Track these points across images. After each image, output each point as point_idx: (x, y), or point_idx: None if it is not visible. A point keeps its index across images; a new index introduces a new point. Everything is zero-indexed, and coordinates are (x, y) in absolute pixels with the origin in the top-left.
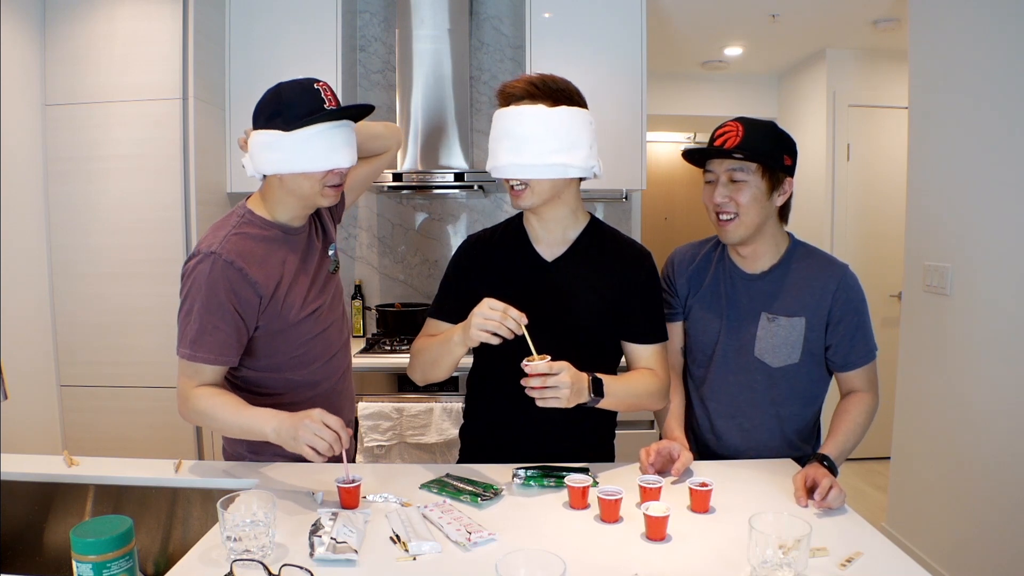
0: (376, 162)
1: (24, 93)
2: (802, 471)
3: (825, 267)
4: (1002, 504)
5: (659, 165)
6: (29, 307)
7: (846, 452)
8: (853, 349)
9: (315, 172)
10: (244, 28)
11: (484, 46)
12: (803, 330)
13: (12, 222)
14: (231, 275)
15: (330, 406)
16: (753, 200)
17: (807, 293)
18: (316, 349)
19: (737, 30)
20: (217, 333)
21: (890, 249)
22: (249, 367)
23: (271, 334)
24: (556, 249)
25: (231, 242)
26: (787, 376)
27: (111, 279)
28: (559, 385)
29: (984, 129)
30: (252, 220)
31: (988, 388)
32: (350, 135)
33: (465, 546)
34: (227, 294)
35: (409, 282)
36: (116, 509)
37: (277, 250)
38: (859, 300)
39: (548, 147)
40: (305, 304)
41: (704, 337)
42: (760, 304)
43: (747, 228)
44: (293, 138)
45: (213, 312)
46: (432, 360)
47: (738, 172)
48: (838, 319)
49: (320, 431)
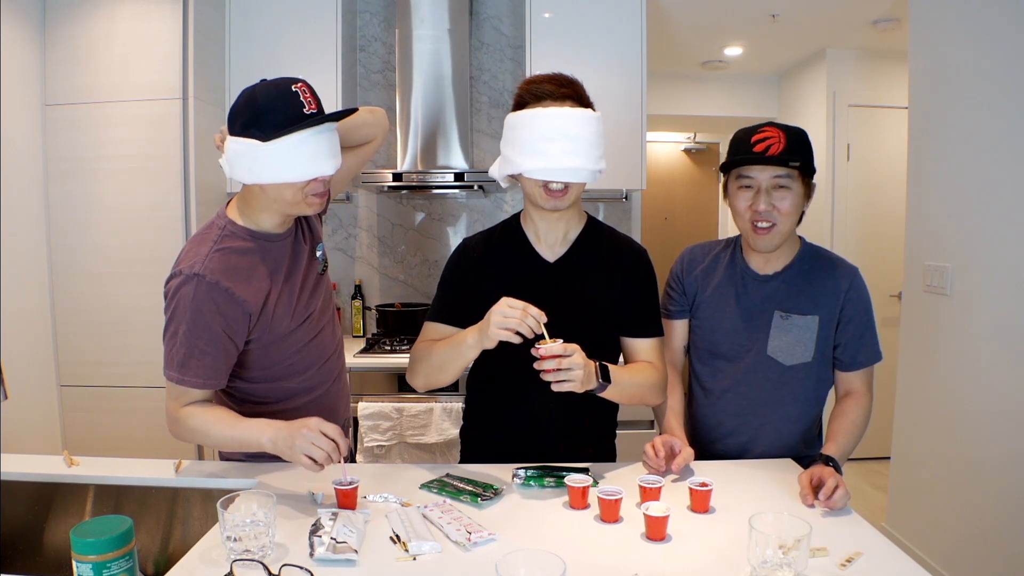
0: (362, 152)
1: (24, 93)
2: (807, 471)
3: (837, 267)
4: (1002, 504)
5: (659, 165)
6: (29, 307)
7: (847, 454)
8: (862, 349)
9: (297, 182)
10: (244, 28)
11: (484, 46)
12: (816, 328)
13: (12, 222)
14: (217, 296)
15: (327, 409)
16: (794, 208)
17: (819, 292)
18: (310, 355)
19: (737, 30)
20: (205, 357)
21: (890, 249)
22: (243, 379)
23: (264, 346)
24: (557, 249)
25: (214, 260)
26: (798, 375)
27: (111, 279)
28: (572, 367)
29: (984, 129)
30: (234, 232)
31: (988, 388)
32: (332, 140)
33: (465, 546)
34: (213, 316)
35: (409, 282)
36: (116, 509)
37: (262, 262)
38: (868, 302)
39: (596, 152)
40: (296, 314)
41: (714, 336)
42: (773, 303)
43: (783, 236)
44: (270, 148)
45: (200, 336)
46: (439, 364)
47: (785, 178)
48: (848, 318)
49: (317, 440)
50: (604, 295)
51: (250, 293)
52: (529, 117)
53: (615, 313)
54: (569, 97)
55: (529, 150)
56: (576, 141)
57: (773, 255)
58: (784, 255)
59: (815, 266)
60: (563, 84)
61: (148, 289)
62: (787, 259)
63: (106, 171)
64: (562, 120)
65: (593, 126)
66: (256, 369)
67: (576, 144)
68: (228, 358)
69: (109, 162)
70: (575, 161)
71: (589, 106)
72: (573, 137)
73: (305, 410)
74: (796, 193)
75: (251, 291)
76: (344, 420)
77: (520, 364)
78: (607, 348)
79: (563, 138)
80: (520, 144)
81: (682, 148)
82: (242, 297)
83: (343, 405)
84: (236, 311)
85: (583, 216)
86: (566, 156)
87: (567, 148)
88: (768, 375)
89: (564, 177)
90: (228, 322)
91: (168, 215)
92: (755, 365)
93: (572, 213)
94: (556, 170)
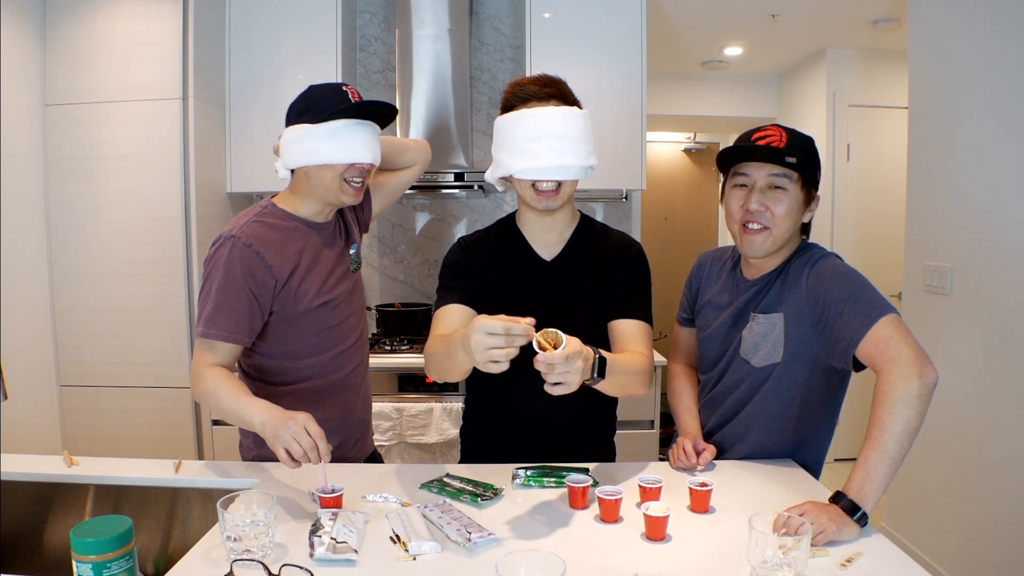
0: (404, 174)
1: (24, 93)
2: (789, 508)
3: (805, 262)
4: (1002, 504)
5: (659, 165)
6: (29, 307)
7: (878, 479)
8: (849, 323)
9: (337, 164)
10: (244, 28)
11: (484, 46)
12: (781, 326)
13: (12, 222)
14: (248, 257)
15: (342, 400)
16: (788, 212)
17: (785, 290)
18: (330, 340)
19: (737, 30)
20: (231, 312)
21: (890, 249)
22: (263, 354)
23: (286, 320)
24: (554, 249)
25: (251, 228)
26: (771, 377)
27: (111, 279)
28: (570, 372)
29: (984, 129)
30: (274, 212)
31: (988, 388)
32: (373, 135)
33: (465, 546)
34: (244, 275)
35: (409, 282)
36: (116, 509)
37: (296, 239)
38: (837, 277)
39: (585, 149)
40: (320, 293)
41: (710, 342)
42: (752, 306)
43: (775, 242)
44: (319, 130)
45: (229, 292)
46: (442, 368)
47: (781, 178)
48: (823, 306)
49: (299, 435)
50: (601, 291)
51: (279, 261)
52: (515, 118)
53: (607, 305)
54: (553, 96)
55: (518, 151)
56: (563, 139)
57: (766, 263)
58: (775, 258)
59: (795, 266)
60: (546, 84)
61: (148, 289)
62: (777, 263)
63: (106, 171)
64: (547, 119)
65: (580, 123)
66: (276, 344)
67: (563, 142)
68: (253, 317)
69: (109, 162)
70: (563, 159)
71: (575, 104)
72: (559, 135)
73: (319, 395)
74: (792, 197)
75: (280, 260)
76: (359, 420)
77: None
78: (603, 344)
79: (549, 137)
80: (509, 146)
81: (682, 148)
82: (271, 263)
83: (360, 402)
84: (264, 275)
85: (576, 214)
86: (554, 155)
87: (555, 147)
88: (744, 377)
89: (553, 176)
90: (256, 283)
91: (168, 215)
92: (734, 368)
93: (566, 212)
94: (545, 169)
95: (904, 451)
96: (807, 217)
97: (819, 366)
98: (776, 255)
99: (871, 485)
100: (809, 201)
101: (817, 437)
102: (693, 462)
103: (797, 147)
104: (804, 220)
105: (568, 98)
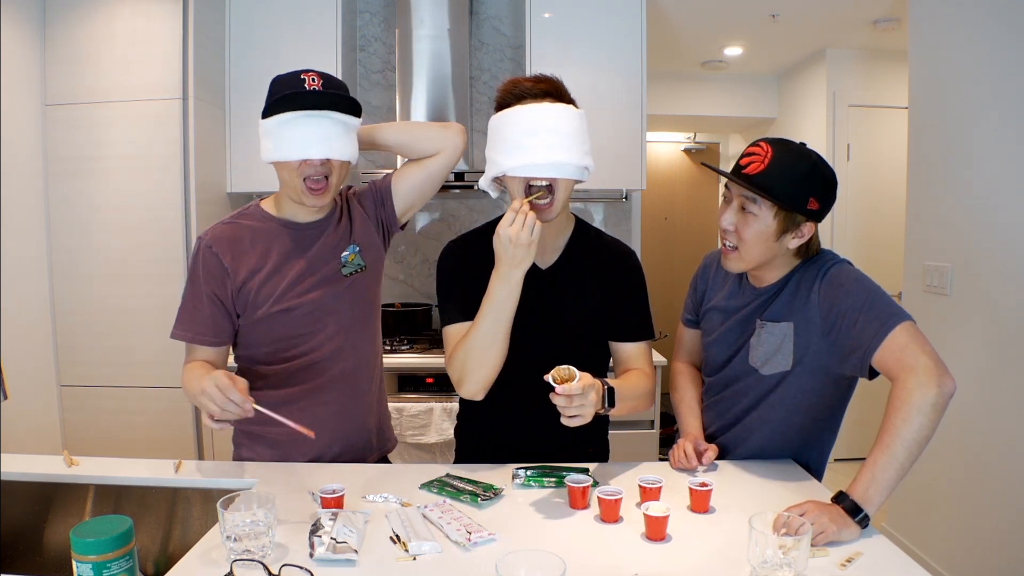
0: (429, 164)
1: (24, 93)
2: (790, 507)
3: (816, 271)
4: (1002, 504)
5: (659, 165)
6: (29, 307)
7: (884, 483)
8: (864, 331)
9: (287, 162)
10: (244, 28)
11: (484, 46)
12: (791, 335)
13: (12, 222)
14: (207, 258)
15: (331, 411)
16: (757, 237)
17: (796, 298)
18: (292, 349)
19: (737, 30)
20: (195, 312)
21: (890, 249)
22: (240, 356)
23: (248, 324)
24: (548, 257)
25: (218, 229)
26: (779, 385)
27: (111, 279)
28: (585, 404)
29: (984, 129)
30: (252, 213)
31: (988, 388)
32: (332, 127)
33: (465, 546)
34: (205, 276)
35: (409, 282)
36: (116, 509)
37: (263, 241)
38: (850, 284)
39: (581, 148)
40: (283, 298)
41: (715, 347)
42: (760, 312)
43: (747, 264)
44: (270, 124)
45: (193, 293)
46: (483, 346)
47: (750, 203)
48: (837, 315)
49: (213, 395)
50: (597, 300)
51: (237, 263)
52: (509, 115)
53: (604, 316)
54: (548, 93)
55: (512, 147)
56: (557, 135)
57: (770, 273)
58: (780, 269)
59: (806, 275)
60: (541, 81)
61: (148, 289)
62: (783, 273)
63: (106, 171)
64: (542, 114)
65: (575, 121)
66: (242, 347)
67: (558, 138)
68: (217, 319)
69: (109, 162)
70: (558, 155)
71: (571, 102)
72: (554, 130)
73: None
74: (762, 223)
75: (238, 262)
76: (372, 428)
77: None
78: (598, 351)
79: (544, 132)
80: (502, 143)
81: (682, 148)
82: (227, 264)
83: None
84: (222, 275)
85: (571, 218)
86: (549, 150)
87: (550, 142)
88: (752, 384)
89: (547, 173)
90: (216, 284)
91: (168, 215)
92: (741, 374)
93: (562, 218)
94: (539, 165)
95: (913, 459)
96: (792, 243)
97: (828, 375)
98: (778, 266)
99: (876, 488)
100: (789, 228)
101: (821, 440)
102: (693, 464)
103: (779, 175)
104: (790, 246)
105: (564, 97)
